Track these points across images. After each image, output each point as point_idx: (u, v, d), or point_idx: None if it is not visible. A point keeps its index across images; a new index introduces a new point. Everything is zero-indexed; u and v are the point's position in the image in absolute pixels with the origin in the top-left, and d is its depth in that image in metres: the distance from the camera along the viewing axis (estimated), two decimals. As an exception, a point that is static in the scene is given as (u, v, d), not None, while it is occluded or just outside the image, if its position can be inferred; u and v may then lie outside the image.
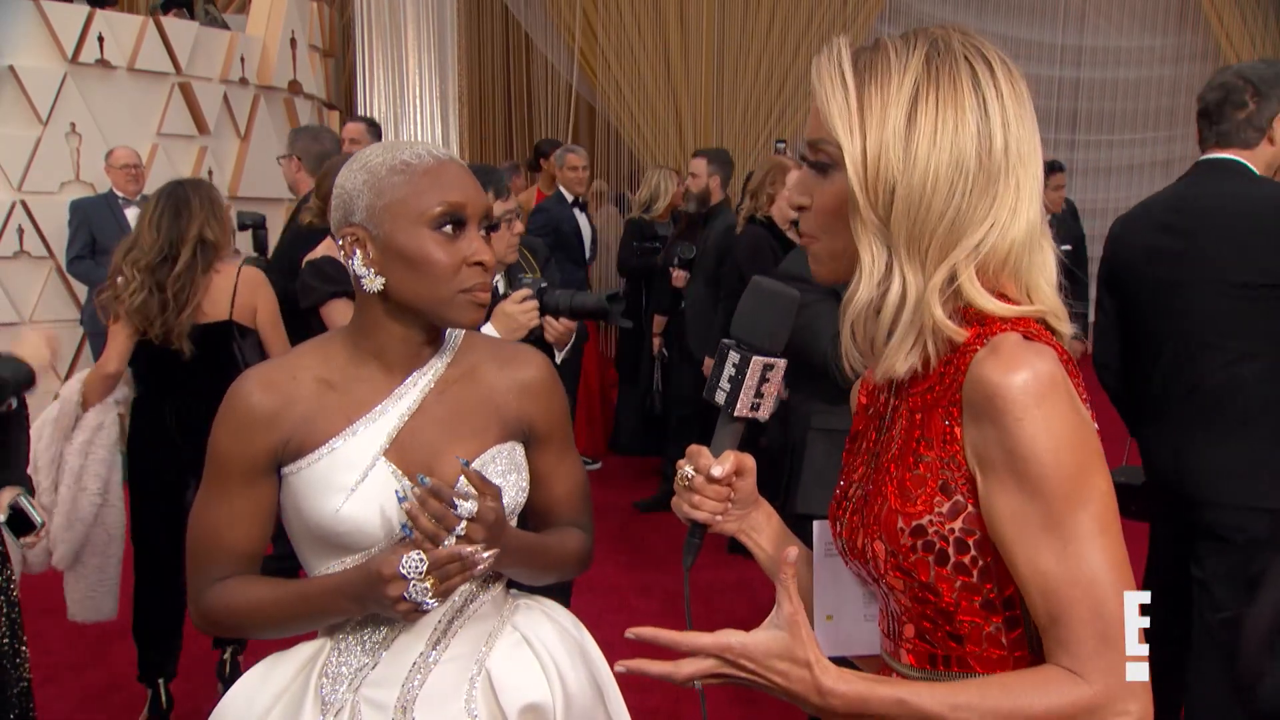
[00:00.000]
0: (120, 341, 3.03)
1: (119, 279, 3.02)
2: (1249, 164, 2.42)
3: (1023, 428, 0.94)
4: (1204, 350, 2.41)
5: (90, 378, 3.12)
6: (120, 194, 5.83)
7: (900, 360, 1.02)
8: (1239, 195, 2.42)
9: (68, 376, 6.49)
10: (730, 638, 1.02)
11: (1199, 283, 2.42)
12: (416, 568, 1.25)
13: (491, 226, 1.42)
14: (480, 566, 1.29)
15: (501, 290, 2.69)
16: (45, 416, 3.10)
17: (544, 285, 2.52)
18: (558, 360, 2.59)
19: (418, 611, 1.29)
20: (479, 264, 1.34)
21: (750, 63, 9.39)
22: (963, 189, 0.99)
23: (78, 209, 5.86)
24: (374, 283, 1.35)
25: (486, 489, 1.32)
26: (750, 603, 4.17)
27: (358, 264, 1.35)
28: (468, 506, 1.29)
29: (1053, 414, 0.95)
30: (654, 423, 5.91)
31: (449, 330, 1.45)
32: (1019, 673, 1.00)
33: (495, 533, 1.33)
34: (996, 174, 1.00)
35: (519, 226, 2.66)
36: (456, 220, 1.34)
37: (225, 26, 7.55)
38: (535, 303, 2.44)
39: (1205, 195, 2.46)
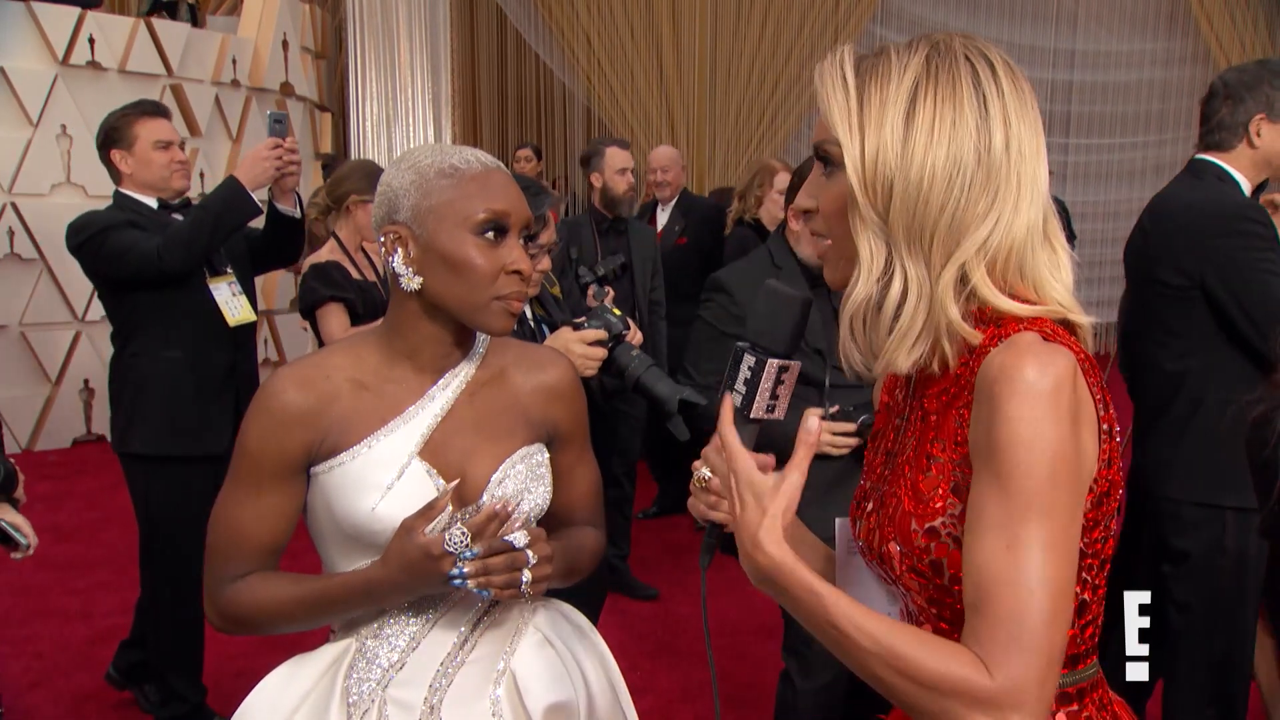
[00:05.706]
0: None
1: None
2: (1228, 166, 2.45)
3: (1009, 416, 0.94)
4: (1154, 348, 2.51)
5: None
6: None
7: (903, 355, 1.02)
8: (1182, 197, 2.49)
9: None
10: (745, 458, 1.04)
11: (1147, 282, 2.50)
12: (461, 540, 1.30)
13: (530, 237, 1.43)
14: (519, 522, 1.32)
15: (529, 315, 2.49)
16: None
17: (625, 331, 2.11)
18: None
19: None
20: (517, 272, 1.37)
21: (743, 65, 9.41)
22: (961, 185, 0.99)
23: None
24: (412, 282, 1.37)
25: (536, 534, 1.36)
26: (742, 603, 4.18)
27: (397, 262, 1.37)
28: (529, 571, 1.34)
29: (1043, 416, 0.94)
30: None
31: (477, 333, 1.48)
32: (935, 636, 0.98)
33: (554, 564, 1.39)
34: (997, 171, 1.00)
35: (546, 263, 2.35)
36: (499, 228, 1.37)
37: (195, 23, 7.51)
38: (604, 353, 2.09)
39: (1168, 197, 2.54)
